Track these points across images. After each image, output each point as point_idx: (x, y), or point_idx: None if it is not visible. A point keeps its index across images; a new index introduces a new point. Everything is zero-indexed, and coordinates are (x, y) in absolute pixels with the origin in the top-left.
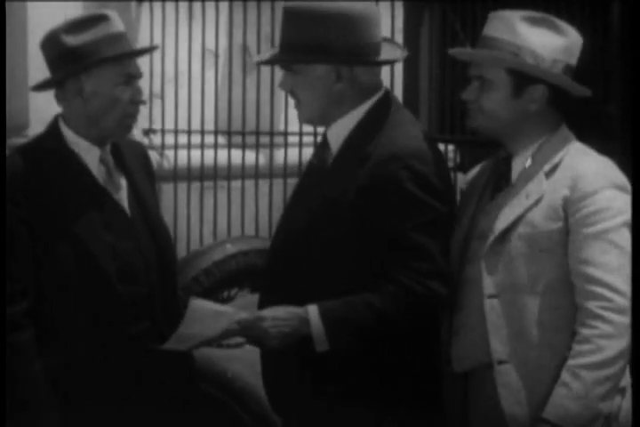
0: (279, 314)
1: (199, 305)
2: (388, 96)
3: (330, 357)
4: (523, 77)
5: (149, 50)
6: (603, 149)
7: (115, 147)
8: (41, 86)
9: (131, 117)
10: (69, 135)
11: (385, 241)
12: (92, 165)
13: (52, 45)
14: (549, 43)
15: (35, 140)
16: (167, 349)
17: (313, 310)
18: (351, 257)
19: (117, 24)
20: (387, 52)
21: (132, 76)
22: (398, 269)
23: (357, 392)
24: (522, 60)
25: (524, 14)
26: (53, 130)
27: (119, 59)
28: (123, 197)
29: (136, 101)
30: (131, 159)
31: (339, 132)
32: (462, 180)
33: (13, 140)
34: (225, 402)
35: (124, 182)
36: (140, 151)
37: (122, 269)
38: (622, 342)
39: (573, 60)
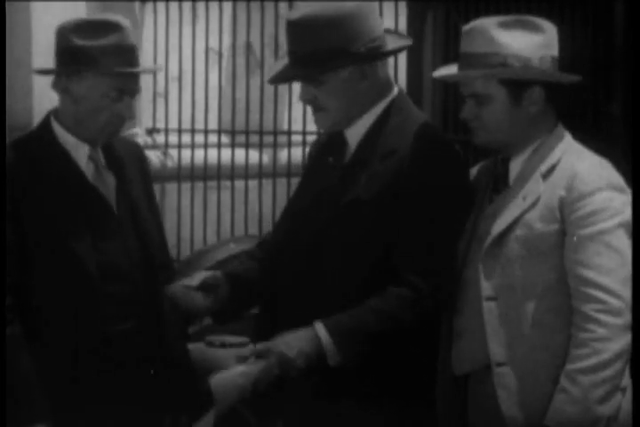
0: (287, 346)
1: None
2: (403, 94)
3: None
4: (517, 84)
5: (145, 71)
6: (604, 148)
7: (108, 145)
8: (43, 72)
9: (112, 127)
10: (59, 131)
11: (402, 237)
12: (80, 161)
13: (61, 37)
14: (530, 42)
15: (27, 134)
16: None
17: (320, 327)
18: (371, 255)
19: (129, 35)
20: (393, 42)
21: (124, 92)
22: (409, 265)
23: (357, 393)
24: (511, 67)
25: (496, 21)
26: (45, 125)
27: (111, 73)
28: (111, 194)
29: (121, 116)
30: (125, 158)
31: (358, 130)
32: None
33: None
34: None
35: (112, 181)
36: (136, 152)
37: (105, 267)
38: (618, 344)
39: (555, 51)
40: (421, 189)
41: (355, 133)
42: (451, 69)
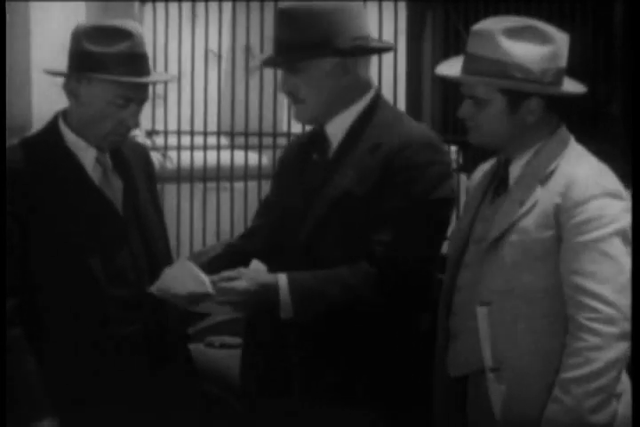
0: (251, 288)
1: (185, 266)
2: (380, 93)
3: (318, 356)
4: (516, 94)
5: (152, 81)
6: (604, 149)
7: (116, 148)
8: (53, 73)
9: (116, 135)
10: (67, 133)
11: (384, 221)
12: (87, 164)
13: (74, 40)
14: (535, 54)
15: (34, 135)
16: None
17: (282, 279)
18: (361, 247)
19: (140, 43)
20: (377, 44)
21: (131, 100)
22: (382, 246)
23: (347, 390)
24: (511, 78)
25: (505, 27)
26: (52, 126)
27: (118, 80)
28: (117, 198)
29: (126, 124)
30: (132, 161)
31: (339, 126)
32: (465, 181)
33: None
34: (227, 401)
35: (120, 184)
36: (142, 154)
37: (111, 270)
38: (611, 353)
39: (563, 62)
40: (405, 183)
41: (335, 129)
42: (454, 66)
